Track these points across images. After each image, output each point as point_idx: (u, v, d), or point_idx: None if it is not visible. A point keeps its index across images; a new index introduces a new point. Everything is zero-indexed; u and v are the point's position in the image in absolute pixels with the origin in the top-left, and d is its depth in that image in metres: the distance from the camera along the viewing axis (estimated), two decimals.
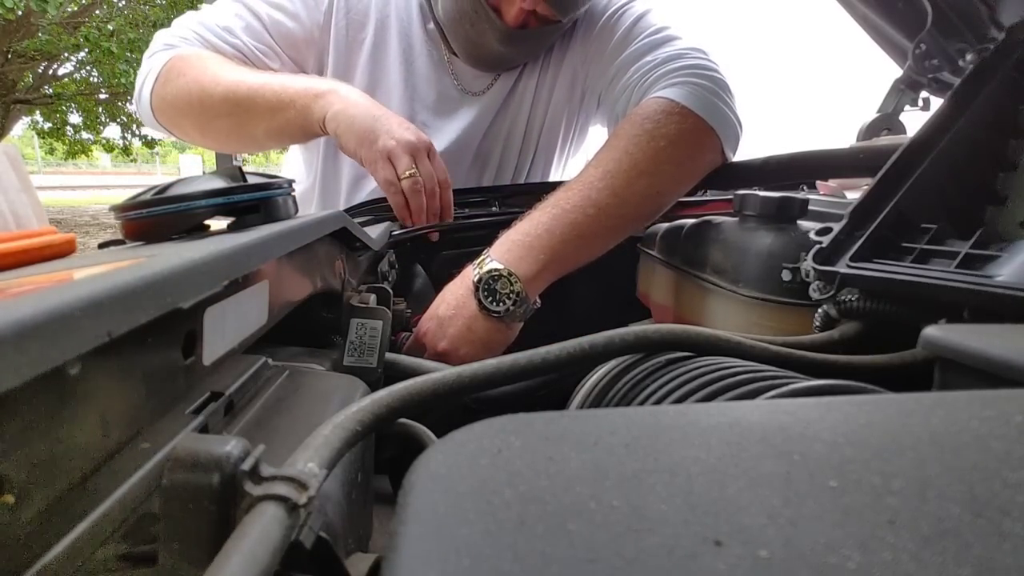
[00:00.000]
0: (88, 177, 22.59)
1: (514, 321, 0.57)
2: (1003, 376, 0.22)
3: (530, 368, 0.28)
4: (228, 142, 0.77)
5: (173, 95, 0.71)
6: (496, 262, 0.56)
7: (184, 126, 0.75)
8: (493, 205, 0.75)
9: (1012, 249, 0.33)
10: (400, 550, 0.12)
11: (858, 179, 0.80)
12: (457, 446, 0.15)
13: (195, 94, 0.69)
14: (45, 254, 0.31)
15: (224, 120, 0.70)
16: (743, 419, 0.16)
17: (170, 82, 0.71)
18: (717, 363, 0.30)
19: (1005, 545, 0.11)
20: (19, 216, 0.35)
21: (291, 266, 0.32)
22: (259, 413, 0.26)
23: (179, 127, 0.76)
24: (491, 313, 0.55)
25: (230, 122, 0.70)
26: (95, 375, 0.16)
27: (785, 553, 0.11)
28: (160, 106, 0.74)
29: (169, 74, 0.71)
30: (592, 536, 0.12)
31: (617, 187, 0.58)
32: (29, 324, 0.13)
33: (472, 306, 0.56)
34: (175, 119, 0.75)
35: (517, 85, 0.83)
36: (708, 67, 0.66)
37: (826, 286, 0.39)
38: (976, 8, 0.57)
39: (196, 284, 0.20)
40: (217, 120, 0.71)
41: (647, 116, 0.61)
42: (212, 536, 0.15)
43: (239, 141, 0.76)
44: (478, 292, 0.56)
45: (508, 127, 0.84)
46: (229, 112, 0.69)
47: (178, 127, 0.77)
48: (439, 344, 0.56)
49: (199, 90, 0.69)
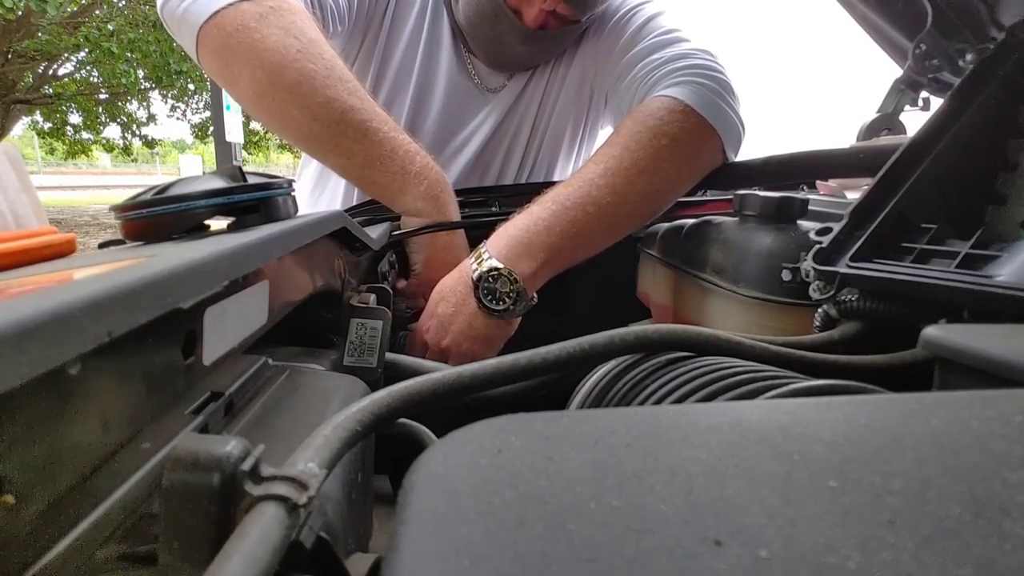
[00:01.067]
0: (88, 177, 22.58)
1: (513, 317, 0.58)
2: (1003, 376, 0.22)
3: (530, 368, 0.28)
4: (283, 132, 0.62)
5: (263, 39, 0.56)
6: (495, 260, 0.56)
7: (241, 77, 0.59)
8: (493, 205, 0.75)
9: (1012, 249, 0.33)
10: (400, 550, 0.12)
11: (858, 179, 0.80)
12: (457, 446, 0.15)
13: (295, 70, 0.56)
14: (45, 254, 0.31)
15: (307, 122, 0.58)
16: (743, 419, 0.16)
17: (270, 23, 0.57)
18: (717, 363, 0.30)
19: (1005, 545, 0.11)
20: (19, 216, 0.35)
21: (291, 266, 0.32)
22: (259, 413, 0.26)
23: (232, 67, 0.59)
24: (491, 312, 0.56)
25: (313, 127, 0.58)
26: (95, 375, 0.16)
27: (785, 553, 0.11)
28: (231, 28, 0.57)
29: (272, 10, 0.57)
30: (592, 536, 0.12)
31: (617, 185, 0.58)
32: (29, 324, 0.13)
33: (472, 304, 0.57)
34: (239, 61, 0.58)
35: (529, 84, 0.83)
36: (713, 68, 0.66)
37: (826, 286, 0.39)
38: (976, 8, 0.57)
39: (196, 284, 0.20)
40: (298, 112, 0.58)
41: (650, 113, 0.61)
42: (212, 536, 0.15)
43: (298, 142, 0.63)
44: (478, 291, 0.56)
45: (516, 125, 0.85)
46: (321, 119, 0.58)
47: (230, 67, 0.59)
48: (442, 341, 0.57)
49: (302, 71, 0.56)
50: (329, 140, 0.59)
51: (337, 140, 0.59)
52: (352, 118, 0.58)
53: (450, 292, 0.58)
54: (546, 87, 0.83)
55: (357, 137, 0.59)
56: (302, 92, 0.57)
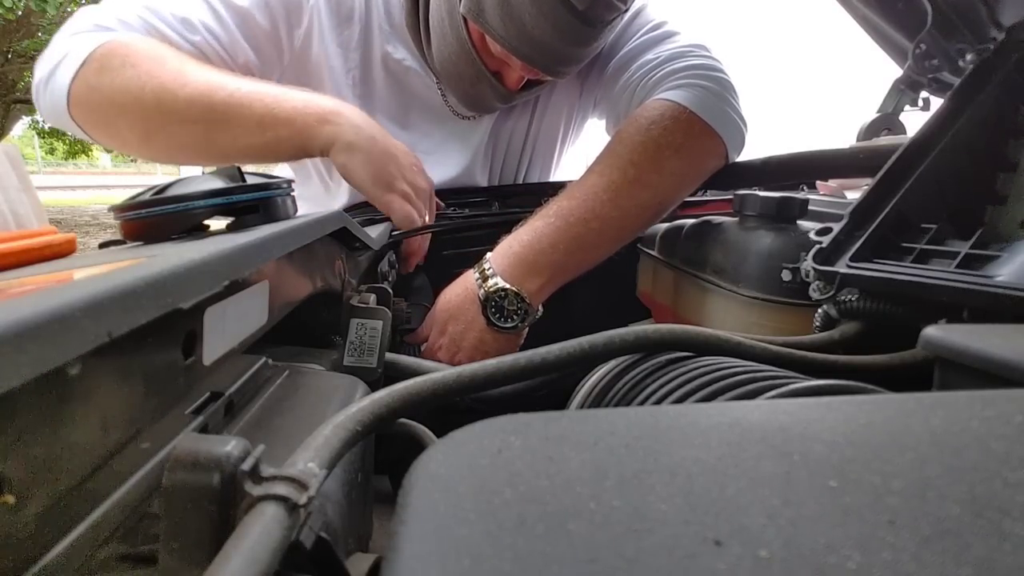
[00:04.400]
0: (88, 177, 22.54)
1: (521, 331, 0.60)
2: (1003, 376, 0.22)
3: (530, 368, 0.28)
4: (182, 153, 0.62)
5: (112, 87, 0.56)
6: (501, 280, 0.57)
7: (119, 127, 0.60)
8: (493, 205, 0.75)
9: (1012, 249, 0.33)
10: (400, 550, 0.12)
11: (858, 179, 0.80)
12: (457, 446, 0.15)
13: (149, 91, 0.55)
14: (45, 254, 0.31)
15: (188, 128, 0.57)
16: (743, 419, 0.16)
17: (109, 71, 0.57)
18: (717, 363, 0.30)
19: (1005, 545, 0.11)
20: (19, 216, 0.35)
21: (291, 266, 0.32)
22: (259, 413, 0.26)
23: (109, 127, 0.60)
24: (501, 329, 0.58)
25: (195, 131, 0.58)
26: (95, 375, 0.16)
27: (785, 553, 0.11)
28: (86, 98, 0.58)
29: (107, 61, 0.57)
30: (592, 536, 0.12)
31: (621, 199, 0.58)
32: (29, 324, 0.13)
33: (481, 322, 0.58)
34: (107, 117, 0.59)
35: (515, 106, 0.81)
36: (713, 67, 0.66)
37: (826, 286, 0.39)
38: (976, 8, 0.57)
39: (196, 284, 0.20)
40: (177, 127, 0.58)
41: (653, 121, 0.60)
42: (212, 536, 0.15)
43: (200, 154, 0.62)
44: (486, 310, 0.57)
45: (508, 137, 0.83)
46: (196, 119, 0.56)
47: (107, 127, 0.60)
48: (455, 358, 0.59)
49: (156, 87, 0.55)
50: (227, 127, 0.57)
51: (230, 120, 0.56)
52: (221, 93, 0.56)
53: (458, 311, 0.59)
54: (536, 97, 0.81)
55: (231, 113, 0.56)
56: (165, 107, 0.56)
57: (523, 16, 0.59)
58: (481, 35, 0.65)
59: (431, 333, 0.60)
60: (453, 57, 0.68)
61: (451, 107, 0.78)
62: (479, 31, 0.64)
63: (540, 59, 0.63)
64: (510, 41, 0.62)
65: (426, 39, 0.71)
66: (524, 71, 0.66)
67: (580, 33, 0.61)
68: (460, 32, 0.65)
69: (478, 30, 0.64)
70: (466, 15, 0.63)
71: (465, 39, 0.65)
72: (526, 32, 0.60)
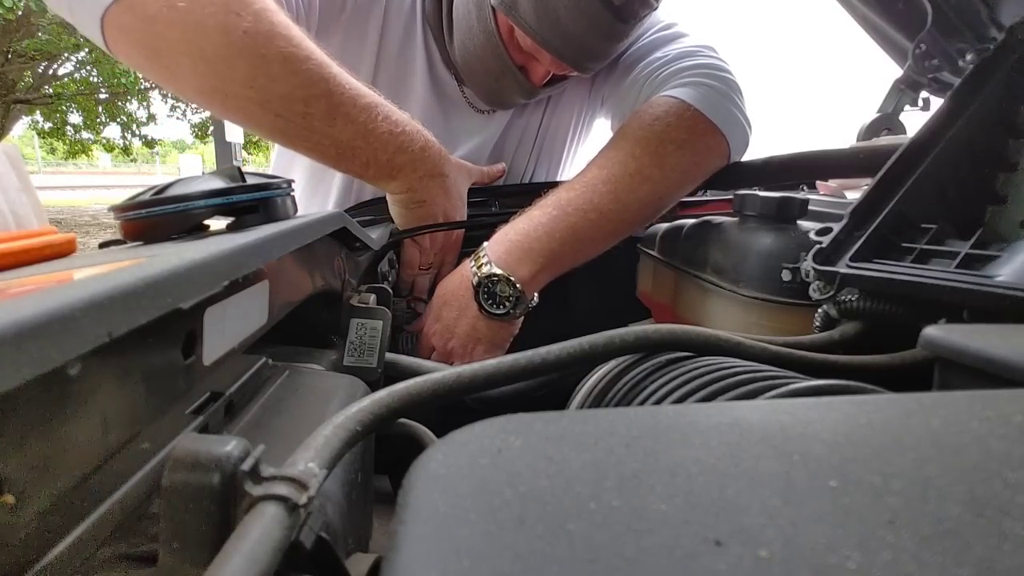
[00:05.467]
0: (88, 177, 22.56)
1: (514, 319, 0.59)
2: (1003, 376, 0.22)
3: (530, 368, 0.28)
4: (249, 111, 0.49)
5: (201, 26, 0.44)
6: (494, 265, 0.56)
7: (180, 73, 0.48)
8: (493, 205, 0.75)
9: (1012, 249, 0.33)
10: (400, 550, 0.12)
11: (858, 179, 0.80)
12: (457, 446, 0.15)
13: (249, 61, 0.46)
14: (45, 254, 0.31)
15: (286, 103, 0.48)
16: (743, 419, 0.16)
17: None
18: (717, 363, 0.30)
19: (1005, 545, 0.11)
20: (19, 216, 0.35)
21: (291, 266, 0.32)
22: (259, 413, 0.26)
23: (164, 61, 0.47)
24: (492, 315, 0.57)
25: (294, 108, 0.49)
26: (95, 375, 0.16)
27: (785, 553, 0.11)
28: (150, 12, 0.44)
29: None
30: (592, 536, 0.12)
31: (620, 192, 0.58)
32: (29, 324, 0.13)
33: (474, 308, 0.57)
34: (175, 54, 0.46)
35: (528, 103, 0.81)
36: (720, 67, 0.65)
37: (826, 286, 0.39)
38: (976, 8, 0.57)
39: (196, 284, 0.20)
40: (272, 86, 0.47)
41: (656, 116, 0.60)
42: (212, 536, 0.15)
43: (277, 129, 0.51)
44: (478, 296, 0.57)
45: (520, 136, 0.83)
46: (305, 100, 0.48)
47: (160, 59, 0.47)
48: (448, 344, 0.58)
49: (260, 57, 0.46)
50: (297, 134, 0.51)
51: (306, 133, 0.50)
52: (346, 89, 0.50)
53: (452, 296, 0.59)
54: (548, 98, 0.81)
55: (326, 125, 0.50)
56: (258, 85, 0.47)
57: (558, 10, 0.59)
58: (509, 28, 0.64)
59: (427, 320, 0.60)
60: (478, 51, 0.67)
61: (467, 99, 0.78)
62: (508, 24, 0.64)
63: (571, 54, 0.63)
64: (542, 34, 0.61)
65: (448, 31, 0.71)
66: (552, 66, 0.66)
67: (613, 28, 0.61)
68: (488, 24, 0.65)
69: (507, 23, 0.64)
70: (497, 7, 0.63)
71: (493, 32, 0.65)
72: (560, 26, 0.60)
